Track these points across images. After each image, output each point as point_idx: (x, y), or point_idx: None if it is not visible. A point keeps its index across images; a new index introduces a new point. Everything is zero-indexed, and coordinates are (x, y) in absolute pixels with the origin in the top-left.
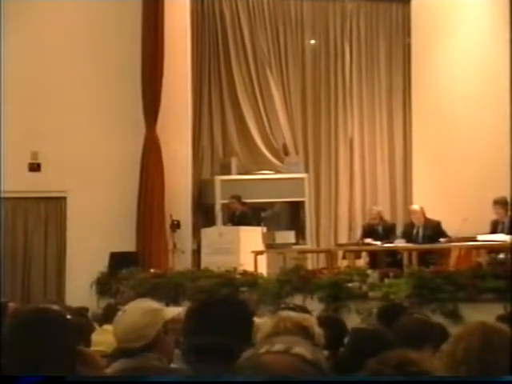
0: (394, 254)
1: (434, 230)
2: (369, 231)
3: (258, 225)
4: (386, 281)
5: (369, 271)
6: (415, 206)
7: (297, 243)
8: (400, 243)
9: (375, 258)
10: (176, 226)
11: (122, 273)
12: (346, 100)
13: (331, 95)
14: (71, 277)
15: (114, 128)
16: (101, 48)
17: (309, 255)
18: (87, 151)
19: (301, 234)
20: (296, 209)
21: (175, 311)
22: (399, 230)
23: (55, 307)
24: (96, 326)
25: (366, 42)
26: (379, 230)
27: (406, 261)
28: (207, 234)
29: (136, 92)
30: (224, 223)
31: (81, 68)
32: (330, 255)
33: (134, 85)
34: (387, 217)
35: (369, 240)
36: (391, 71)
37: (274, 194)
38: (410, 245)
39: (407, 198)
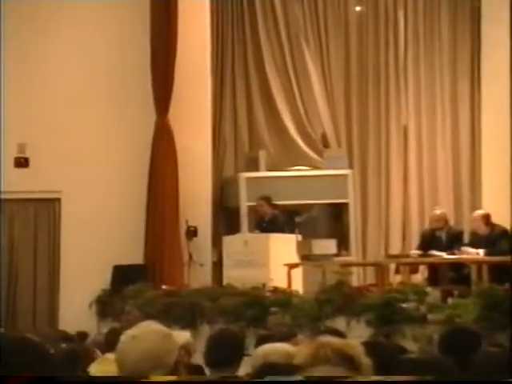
0: (459, 267)
1: (503, 240)
2: (429, 239)
3: (292, 232)
4: (450, 301)
5: (428, 289)
6: (479, 212)
7: (339, 254)
8: (467, 254)
9: (436, 273)
10: (193, 233)
11: (128, 290)
12: (399, 80)
13: (381, 74)
14: (66, 295)
15: (119, 115)
16: (102, 21)
17: (354, 269)
18: (85, 143)
19: (344, 243)
20: (338, 213)
21: (185, 336)
22: (467, 238)
23: (35, 338)
24: (97, 353)
25: (424, 8)
26: (442, 237)
27: (474, 276)
28: (230, 243)
29: (144, 71)
30: (250, 230)
31: (77, 41)
32: (380, 269)
33: (141, 62)
34: (451, 223)
35: (432, 252)
36: (455, 43)
37: (310, 194)
38: (479, 256)
39: (475, 201)
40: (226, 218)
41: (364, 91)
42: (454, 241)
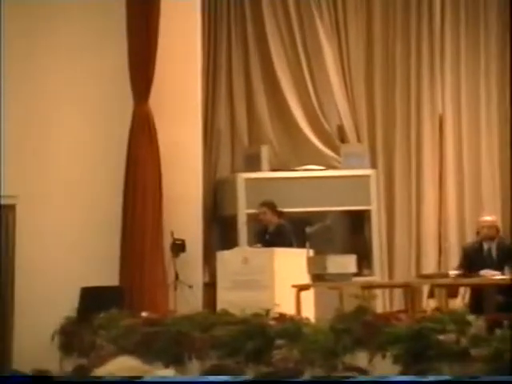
0: (510, 291)
1: None
2: (474, 255)
3: (302, 246)
4: (498, 332)
5: (471, 317)
6: None
7: (359, 273)
8: None
9: (481, 297)
10: (179, 247)
11: (99, 318)
12: (434, 61)
13: (412, 54)
14: (22, 325)
15: (90, 103)
16: None
17: (378, 291)
18: (48, 136)
19: (365, 260)
20: (358, 222)
21: (169, 375)
22: None
23: None
24: None
25: None
26: (492, 251)
27: None
28: (226, 259)
29: (120, 51)
30: (251, 244)
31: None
32: (411, 292)
33: (115, 38)
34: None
35: (484, 272)
36: (504, 15)
37: (324, 199)
38: None
39: None
40: (220, 229)
41: (390, 73)
42: (506, 257)
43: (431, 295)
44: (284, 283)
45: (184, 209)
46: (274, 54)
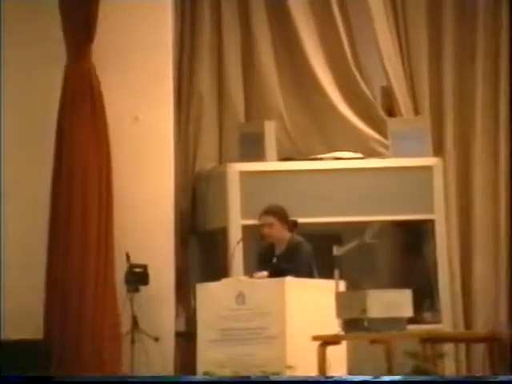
0: None
1: None
2: None
3: (328, 276)
4: None
5: None
6: None
7: (418, 318)
8: None
9: None
10: (140, 278)
11: None
12: None
13: None
14: None
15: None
16: None
17: (448, 347)
18: None
19: (427, 298)
20: (415, 239)
21: None
22: None
23: None
24: None
25: None
26: None
27: None
28: (211, 296)
29: None
30: (249, 271)
31: None
32: (499, 348)
33: None
34: None
35: None
36: None
37: (362, 204)
38: None
39: None
40: (202, 250)
41: (464, 10)
42: None
43: None
44: (300, 333)
45: (147, 219)
46: None
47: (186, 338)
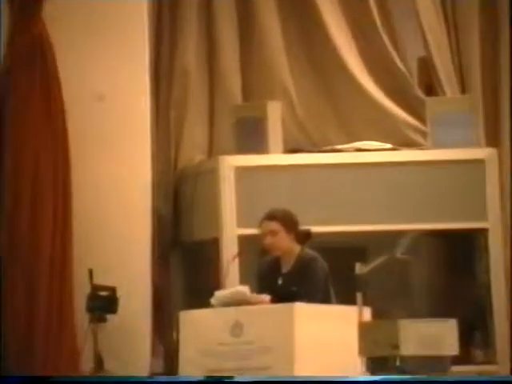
0: None
1: None
2: None
3: (350, 301)
4: None
5: None
6: None
7: (465, 357)
8: None
9: None
10: (107, 304)
11: None
12: None
13: None
14: None
15: None
16: None
17: None
18: None
19: (478, 329)
20: (462, 253)
21: None
22: None
23: None
24: None
25: None
26: None
27: None
28: (199, 326)
29: None
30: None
31: None
32: None
33: None
34: None
35: None
36: None
37: (392, 209)
38: None
39: None
40: (187, 267)
41: None
42: None
43: None
44: (313, 375)
45: (116, 228)
46: None
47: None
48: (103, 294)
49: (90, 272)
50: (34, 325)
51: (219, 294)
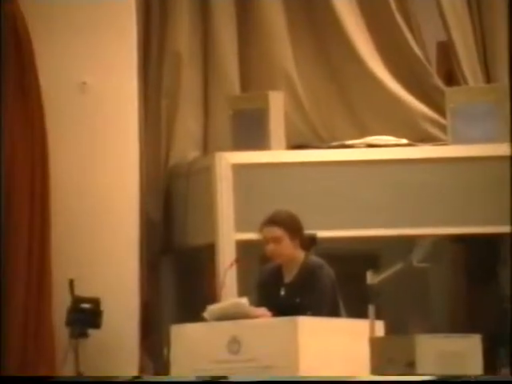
0: None
1: None
2: None
3: (361, 313)
4: None
5: None
6: None
7: (495, 376)
8: None
9: None
10: (90, 318)
11: None
12: None
13: None
14: None
15: None
16: None
17: None
18: None
19: (505, 345)
20: (486, 261)
21: None
22: None
23: None
24: None
25: None
26: None
27: None
28: (192, 341)
29: None
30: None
31: None
32: None
33: None
34: None
35: None
36: None
37: (408, 212)
38: None
39: None
40: (179, 276)
41: None
42: None
43: None
44: None
45: (100, 233)
46: None
47: None
48: (85, 306)
49: (71, 282)
50: (8, 340)
51: (214, 307)
